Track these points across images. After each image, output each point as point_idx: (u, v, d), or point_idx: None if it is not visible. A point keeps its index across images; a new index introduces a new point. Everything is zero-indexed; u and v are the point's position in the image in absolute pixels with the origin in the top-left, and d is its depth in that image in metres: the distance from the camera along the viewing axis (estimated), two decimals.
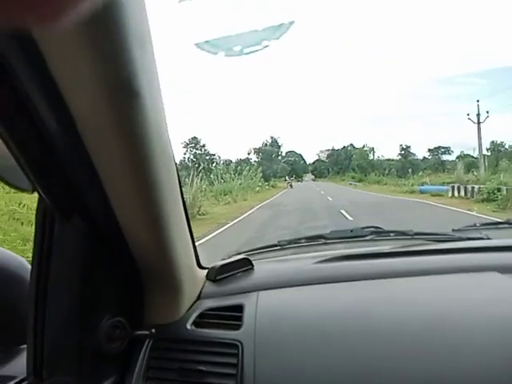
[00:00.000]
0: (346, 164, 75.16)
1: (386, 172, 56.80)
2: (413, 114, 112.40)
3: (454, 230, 1.36)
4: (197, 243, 0.96)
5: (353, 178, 61.80)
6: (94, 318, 0.72)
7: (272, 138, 61.65)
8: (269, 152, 59.40)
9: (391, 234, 1.32)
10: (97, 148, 0.58)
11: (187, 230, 0.85)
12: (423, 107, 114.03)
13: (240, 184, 29.21)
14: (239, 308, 0.88)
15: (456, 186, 19.72)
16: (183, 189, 0.81)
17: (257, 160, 56.63)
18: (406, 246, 1.18)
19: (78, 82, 0.50)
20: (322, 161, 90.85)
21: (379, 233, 1.34)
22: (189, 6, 0.62)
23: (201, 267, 1.01)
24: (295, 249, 1.32)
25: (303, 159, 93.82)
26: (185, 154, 60.20)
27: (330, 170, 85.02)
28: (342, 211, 12.97)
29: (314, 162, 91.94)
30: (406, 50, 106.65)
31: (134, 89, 0.52)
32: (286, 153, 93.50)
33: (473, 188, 17.57)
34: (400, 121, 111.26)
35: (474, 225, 1.41)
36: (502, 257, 1.03)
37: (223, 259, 1.10)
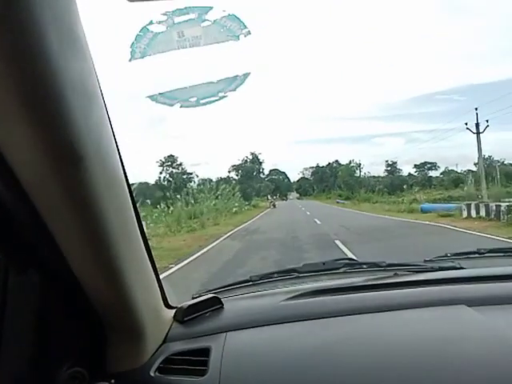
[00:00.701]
0: (332, 181, 72.02)
1: (375, 189, 53.90)
2: (394, 132, 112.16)
3: (425, 261, 1.37)
4: None
5: (339, 195, 58.52)
6: (50, 369, 0.70)
7: (252, 154, 55.69)
8: (249, 169, 53.76)
9: (364, 266, 1.33)
10: (44, 208, 0.57)
11: (150, 270, 0.82)
12: (404, 125, 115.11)
13: (214, 205, 25.32)
14: (206, 351, 0.85)
15: (473, 204, 16.04)
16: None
17: (236, 178, 52.22)
18: (378, 279, 1.19)
19: (16, 145, 0.49)
20: (307, 179, 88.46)
21: (352, 265, 1.35)
22: (140, 61, 0.63)
23: (169, 307, 0.97)
24: (267, 284, 1.29)
25: (287, 177, 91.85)
26: (161, 173, 56.33)
27: (315, 187, 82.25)
28: (338, 242, 9.35)
29: (298, 180, 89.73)
30: (385, 69, 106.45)
31: (77, 153, 0.50)
32: (270, 171, 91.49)
33: (498, 207, 13.99)
34: (381, 139, 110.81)
35: (446, 255, 1.43)
36: (471, 289, 1.04)
37: (194, 297, 1.07)
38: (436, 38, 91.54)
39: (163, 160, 60.15)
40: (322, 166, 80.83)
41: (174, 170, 59.79)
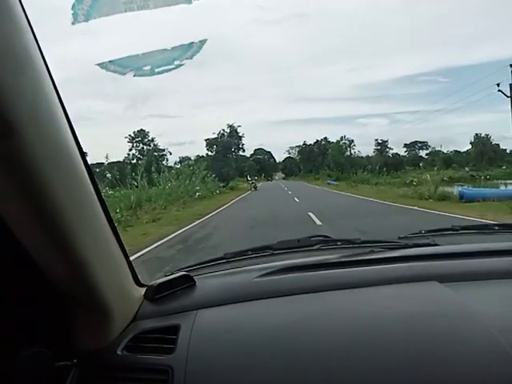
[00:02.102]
0: (320, 160, 65.12)
1: (368, 169, 47.49)
2: (378, 113, 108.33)
3: (400, 238, 1.36)
4: None
5: (329, 176, 51.78)
6: (10, 348, 0.66)
7: (230, 126, 42.54)
8: (226, 144, 41.28)
9: (338, 243, 1.32)
10: None
11: (115, 247, 0.78)
12: (388, 106, 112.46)
13: (164, 188, 18.22)
14: (175, 329, 0.83)
15: None
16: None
17: (211, 155, 42.14)
18: (353, 255, 1.17)
19: None
20: (293, 158, 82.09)
21: (327, 242, 1.33)
22: (90, 29, 0.60)
23: (139, 285, 0.94)
24: (241, 261, 1.25)
25: (272, 157, 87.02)
26: (130, 149, 48.48)
27: (302, 167, 75.68)
28: None
29: (284, 160, 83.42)
30: (369, 49, 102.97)
31: (6, 120, 0.46)
32: (255, 150, 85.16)
33: None
34: (365, 119, 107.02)
35: (420, 231, 1.41)
36: (444, 265, 1.03)
37: (166, 275, 1.03)
38: (419, 18, 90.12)
39: (133, 135, 52.58)
40: (310, 144, 73.78)
41: (146, 147, 52.48)
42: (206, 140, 42.42)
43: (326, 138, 70.06)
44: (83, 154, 0.64)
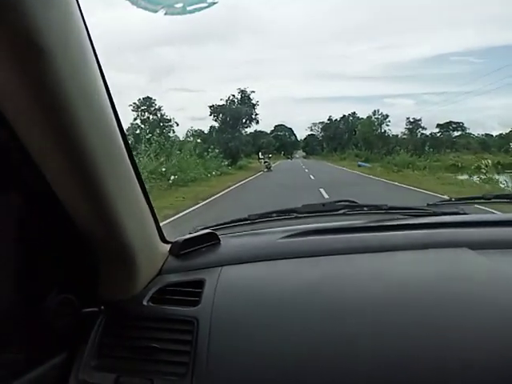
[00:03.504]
0: (346, 139, 57.41)
1: (400, 149, 39.61)
2: (405, 93, 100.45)
3: (428, 205, 1.29)
4: None
5: (356, 156, 44.24)
6: (39, 294, 0.67)
7: (242, 92, 32.02)
8: (234, 113, 30.34)
9: (365, 208, 1.25)
10: (19, 124, 0.52)
11: (143, 202, 0.78)
12: (416, 86, 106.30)
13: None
14: (200, 283, 0.83)
15: None
16: None
17: (217, 126, 32.22)
18: (379, 221, 1.13)
19: None
20: (315, 136, 74.46)
21: (353, 207, 1.26)
22: None
23: (165, 241, 0.94)
24: (265, 223, 1.21)
25: (294, 134, 79.98)
26: (135, 119, 41.98)
27: (325, 145, 68.00)
28: None
29: (305, 138, 76.11)
30: (399, 26, 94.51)
31: (36, 43, 0.45)
32: (275, 126, 77.85)
33: None
34: (392, 100, 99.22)
35: (450, 199, 1.37)
36: (474, 232, 1.00)
37: (190, 233, 1.02)
38: None
39: (138, 103, 46.11)
40: (336, 120, 65.54)
41: (151, 116, 46.06)
42: (210, 107, 31.98)
43: (354, 113, 61.48)
44: (111, 96, 0.61)
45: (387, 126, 48.59)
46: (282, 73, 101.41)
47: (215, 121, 31.71)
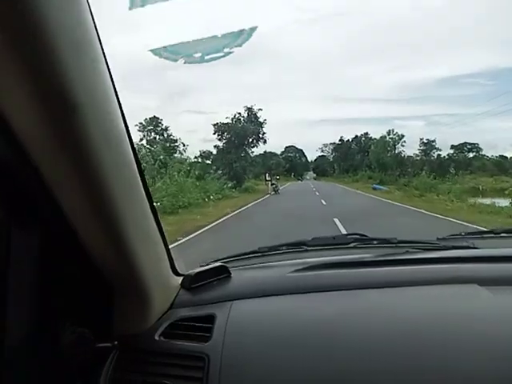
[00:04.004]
0: (359, 160, 54.96)
1: (422, 171, 36.99)
2: (416, 115, 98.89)
3: (438, 239, 1.26)
4: None
5: (370, 178, 41.84)
6: (55, 328, 0.68)
7: (249, 109, 29.30)
8: (240, 132, 27.72)
9: (374, 242, 1.24)
10: (42, 160, 0.54)
11: (157, 235, 0.78)
12: (427, 108, 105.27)
13: None
14: (211, 318, 0.83)
15: None
16: None
17: (220, 146, 29.30)
18: (389, 255, 1.12)
19: (7, 98, 0.47)
20: (325, 157, 72.45)
21: (362, 240, 1.26)
22: (141, 13, 0.59)
23: (177, 274, 0.93)
24: (276, 256, 1.22)
25: (304, 155, 78.29)
26: (141, 139, 40.27)
27: (336, 167, 65.69)
28: None
29: (316, 159, 74.35)
30: (410, 49, 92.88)
31: (70, 102, 0.48)
32: (286, 148, 76.32)
33: None
34: (403, 121, 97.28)
35: (460, 233, 1.32)
36: (484, 268, 0.98)
37: (201, 265, 1.03)
38: (463, 19, 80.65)
39: (144, 123, 44.68)
40: (347, 141, 63.26)
41: (158, 136, 44.52)
42: (214, 125, 28.94)
43: (366, 134, 59.07)
44: (131, 138, 0.63)
45: (402, 146, 46.03)
46: (294, 95, 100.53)
47: (219, 140, 29.18)
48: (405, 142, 46.17)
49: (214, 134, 29.11)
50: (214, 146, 29.71)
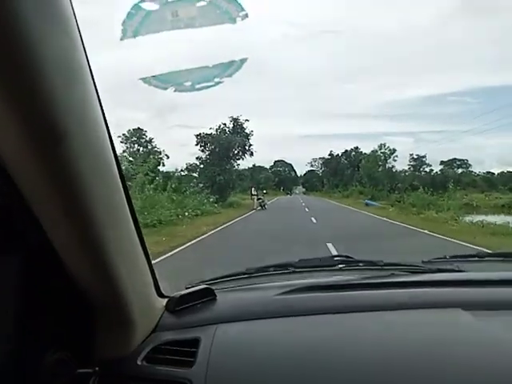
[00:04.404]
0: (348, 175, 53.61)
1: (406, 187, 35.71)
2: (405, 131, 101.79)
3: (423, 262, 1.26)
4: None
5: (361, 193, 40.34)
6: (36, 353, 0.66)
7: (234, 119, 26.97)
8: (224, 143, 25.33)
9: (361, 264, 1.25)
10: (28, 189, 0.54)
11: (142, 258, 0.77)
12: (415, 124, 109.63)
13: None
14: (195, 342, 0.80)
15: None
16: None
17: (203, 158, 26.77)
18: (374, 278, 1.12)
19: None
20: (315, 171, 71.37)
21: (348, 262, 1.25)
22: (133, 43, 0.60)
23: (161, 296, 0.92)
24: (262, 277, 1.21)
25: (293, 170, 77.22)
26: (124, 151, 38.01)
27: (325, 182, 64.39)
28: None
29: (305, 174, 73.32)
30: (397, 67, 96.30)
31: (58, 131, 0.48)
32: (275, 162, 75.33)
33: None
34: (392, 138, 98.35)
35: (444, 256, 1.32)
36: (468, 292, 0.98)
37: (187, 287, 1.01)
38: (450, 38, 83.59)
39: (128, 135, 42.58)
40: (337, 155, 62.22)
41: (141, 148, 42.48)
42: (196, 136, 26.61)
43: (357, 148, 58.15)
44: (119, 165, 0.63)
45: (394, 160, 44.73)
46: (283, 111, 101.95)
47: (202, 151, 26.81)
48: (397, 156, 44.97)
49: (197, 145, 26.84)
50: (197, 158, 27.33)
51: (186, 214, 14.55)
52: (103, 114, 0.57)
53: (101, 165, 0.58)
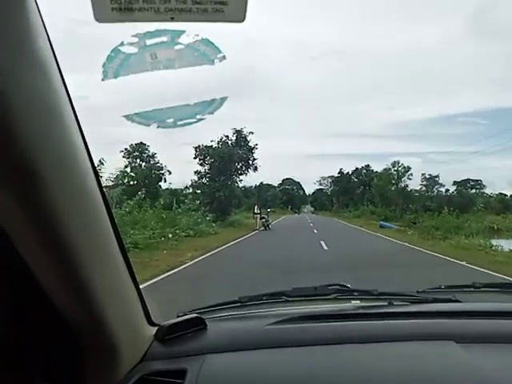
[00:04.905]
0: (359, 193, 51.02)
1: (418, 208, 33.07)
2: (413, 152, 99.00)
3: (419, 292, 1.23)
4: None
5: (372, 213, 37.68)
6: None
7: (237, 131, 24.48)
8: (226, 156, 22.90)
9: (355, 293, 1.22)
10: (8, 228, 0.53)
11: (129, 286, 0.76)
12: (423, 145, 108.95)
13: None
14: (182, 373, 0.79)
15: None
16: None
17: (204, 172, 24.17)
18: (370, 308, 1.11)
19: None
20: (323, 190, 68.99)
21: (343, 291, 1.22)
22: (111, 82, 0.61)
23: (152, 324, 0.90)
24: (255, 306, 1.17)
25: (302, 188, 74.94)
26: (126, 166, 36.24)
27: (335, 201, 61.81)
28: None
29: (313, 193, 71.11)
30: (408, 88, 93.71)
31: (34, 171, 0.47)
32: (283, 180, 73.37)
33: None
34: (400, 158, 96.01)
35: (440, 286, 1.29)
36: (463, 324, 0.98)
37: (178, 315, 1.00)
38: (459, 59, 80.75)
39: (130, 149, 41.02)
40: (347, 173, 59.70)
41: (144, 163, 40.82)
42: (195, 148, 24.14)
43: (368, 166, 55.57)
44: (103, 191, 0.63)
45: (409, 179, 41.92)
46: (293, 129, 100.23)
47: (201, 165, 24.37)
48: (411, 174, 42.08)
49: (195, 158, 24.41)
50: (195, 172, 24.82)
51: (170, 235, 12.23)
52: (87, 148, 0.58)
53: (82, 196, 0.57)
